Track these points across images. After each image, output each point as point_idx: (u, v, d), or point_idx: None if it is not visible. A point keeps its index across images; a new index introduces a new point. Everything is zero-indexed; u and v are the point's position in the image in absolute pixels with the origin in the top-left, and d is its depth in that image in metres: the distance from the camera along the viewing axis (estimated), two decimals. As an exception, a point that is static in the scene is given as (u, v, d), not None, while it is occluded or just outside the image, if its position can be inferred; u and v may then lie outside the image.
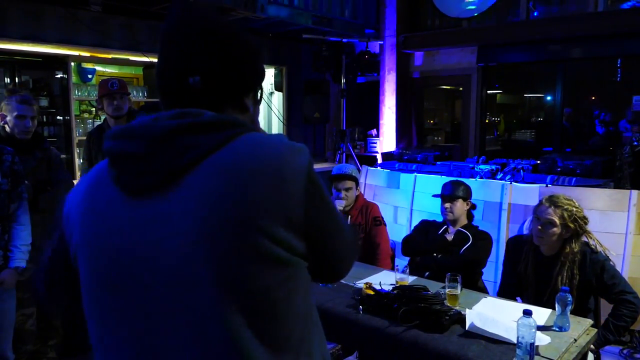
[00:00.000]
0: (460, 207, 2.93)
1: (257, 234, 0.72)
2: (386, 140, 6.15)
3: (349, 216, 3.11)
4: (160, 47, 0.86)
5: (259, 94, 0.92)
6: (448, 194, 2.93)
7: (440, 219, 3.07)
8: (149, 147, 0.75)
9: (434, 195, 3.10)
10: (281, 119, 6.34)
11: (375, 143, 6.27)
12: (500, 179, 3.88)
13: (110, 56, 5.22)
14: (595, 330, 2.07)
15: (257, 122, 0.95)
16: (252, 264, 0.72)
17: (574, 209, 2.37)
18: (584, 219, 2.38)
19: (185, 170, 0.75)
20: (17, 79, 4.76)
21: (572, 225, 2.34)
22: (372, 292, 2.21)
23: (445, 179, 3.46)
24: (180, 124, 0.76)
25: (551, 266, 2.39)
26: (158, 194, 0.76)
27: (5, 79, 4.70)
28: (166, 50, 0.85)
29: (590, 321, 2.10)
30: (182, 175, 0.75)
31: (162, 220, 0.75)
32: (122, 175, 0.78)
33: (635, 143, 3.65)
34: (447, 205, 2.93)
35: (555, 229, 2.35)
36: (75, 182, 3.17)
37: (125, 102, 3.10)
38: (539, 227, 2.38)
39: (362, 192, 3.49)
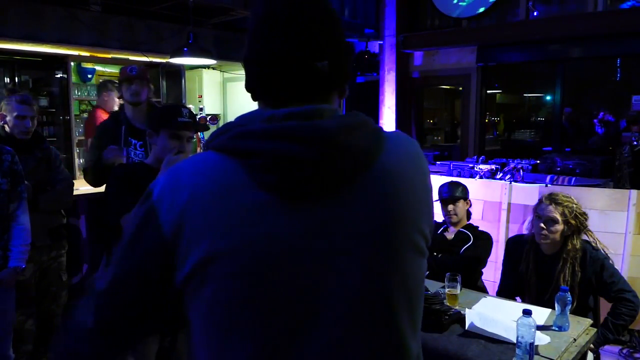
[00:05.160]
0: (462, 207, 2.94)
1: (418, 234, 0.79)
2: (386, 140, 6.13)
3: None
4: (272, 31, 0.77)
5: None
6: (449, 196, 2.93)
7: (439, 218, 3.07)
8: (324, 152, 0.70)
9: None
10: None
11: (375, 143, 6.25)
12: (500, 179, 3.88)
13: (110, 56, 5.22)
14: (595, 330, 2.07)
15: None
16: (416, 262, 0.80)
17: (574, 205, 2.39)
18: (584, 215, 2.40)
19: (357, 174, 0.73)
20: (16, 78, 4.77)
21: (573, 222, 2.36)
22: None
23: (445, 178, 3.46)
24: (349, 125, 0.73)
25: (553, 265, 2.39)
26: (325, 199, 0.72)
27: (5, 78, 4.71)
28: (286, 33, 0.76)
29: (589, 321, 2.11)
30: (354, 179, 0.73)
31: (335, 227, 0.72)
32: (285, 180, 0.71)
33: (635, 143, 3.66)
34: (451, 207, 2.92)
35: (558, 225, 2.36)
36: (75, 182, 3.16)
37: (144, 88, 3.03)
38: (542, 225, 2.38)
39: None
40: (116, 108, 3.98)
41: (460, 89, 5.99)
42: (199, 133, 4.61)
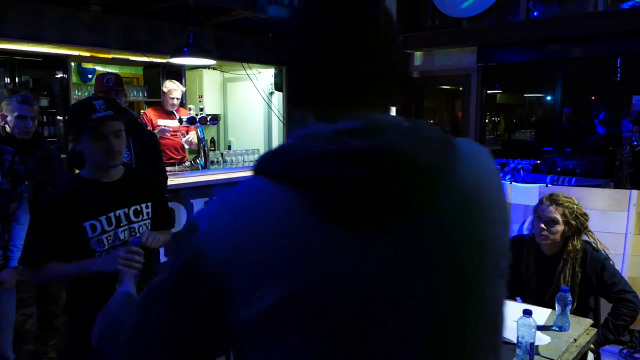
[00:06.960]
0: None
1: (502, 256, 0.74)
2: (386, 140, 6.14)
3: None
4: (334, 34, 0.69)
5: None
6: None
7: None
8: (393, 172, 0.63)
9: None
10: (281, 119, 6.35)
11: (375, 143, 6.25)
12: (500, 179, 3.88)
13: (110, 56, 5.22)
14: (595, 330, 2.07)
15: None
16: (499, 287, 0.74)
17: (574, 206, 2.39)
18: (585, 216, 2.40)
19: (431, 194, 0.65)
20: (17, 79, 4.77)
21: (574, 222, 2.36)
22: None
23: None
24: (417, 140, 0.66)
25: (553, 265, 2.39)
26: (397, 227, 0.65)
27: (6, 79, 4.71)
28: (347, 35, 0.69)
29: (590, 321, 2.11)
30: (428, 200, 0.66)
31: (409, 258, 0.65)
32: (352, 208, 0.63)
33: (635, 143, 3.66)
34: None
35: (558, 226, 2.36)
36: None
37: (120, 98, 3.09)
38: (542, 226, 2.38)
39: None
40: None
41: (461, 89, 5.99)
42: (197, 126, 4.48)
